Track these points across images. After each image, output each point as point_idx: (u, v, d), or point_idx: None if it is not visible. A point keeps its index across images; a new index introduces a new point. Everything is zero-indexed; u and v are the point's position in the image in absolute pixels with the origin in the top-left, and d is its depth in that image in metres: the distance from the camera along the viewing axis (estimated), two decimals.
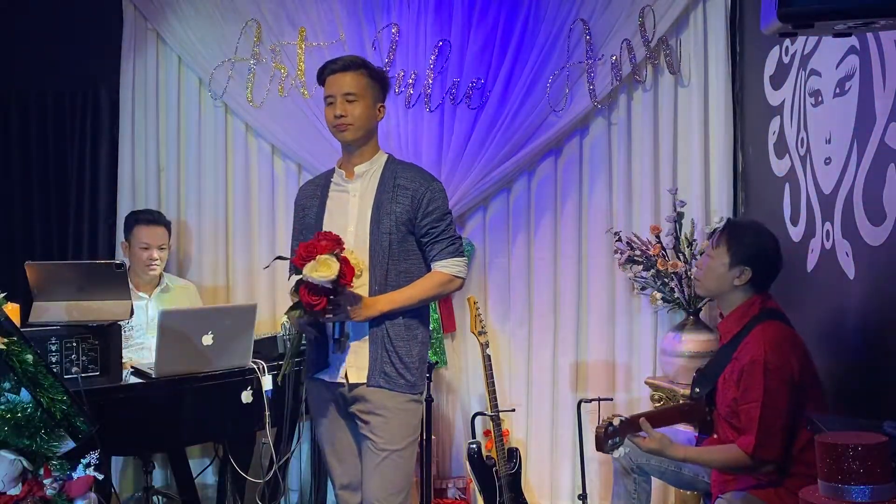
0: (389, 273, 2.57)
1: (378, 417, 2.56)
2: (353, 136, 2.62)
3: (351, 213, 2.63)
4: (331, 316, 2.45)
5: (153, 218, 3.71)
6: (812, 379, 2.54)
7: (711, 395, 2.73)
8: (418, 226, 2.61)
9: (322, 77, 2.69)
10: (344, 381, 2.59)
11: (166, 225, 3.74)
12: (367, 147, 2.67)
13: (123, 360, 2.96)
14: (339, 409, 2.67)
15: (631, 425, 2.61)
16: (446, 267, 2.63)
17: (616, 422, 2.58)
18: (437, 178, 2.70)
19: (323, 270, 2.33)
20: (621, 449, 2.66)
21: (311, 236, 2.52)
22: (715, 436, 2.74)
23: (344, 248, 2.42)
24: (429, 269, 2.67)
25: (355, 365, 2.59)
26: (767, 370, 2.45)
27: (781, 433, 2.45)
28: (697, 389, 2.77)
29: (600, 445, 2.55)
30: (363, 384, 2.57)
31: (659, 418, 2.71)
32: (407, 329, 2.61)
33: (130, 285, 3.62)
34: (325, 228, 2.60)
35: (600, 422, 2.61)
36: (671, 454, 2.59)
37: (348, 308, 2.45)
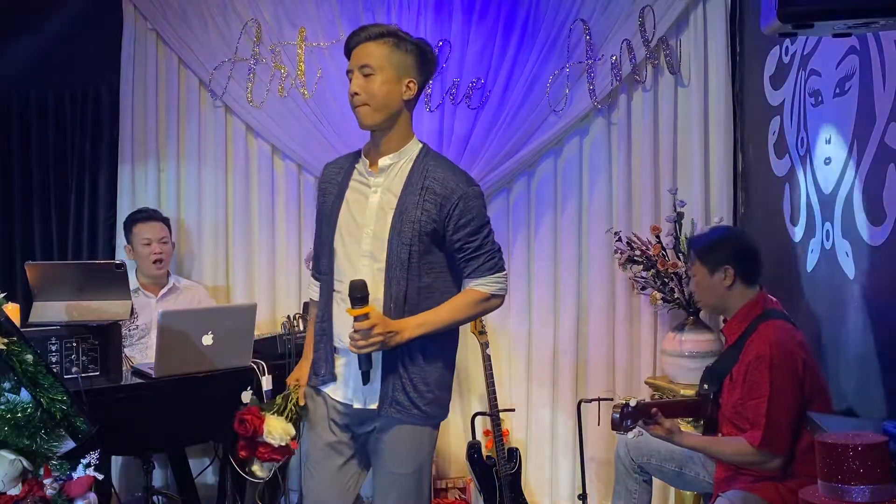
0: (409, 290, 2.24)
1: (384, 440, 2.33)
2: (371, 119, 2.24)
3: (370, 212, 2.29)
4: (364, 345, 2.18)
5: (149, 214, 3.74)
6: (815, 376, 2.55)
7: (717, 396, 2.73)
8: (450, 240, 2.26)
9: (348, 50, 2.30)
10: (349, 402, 2.33)
11: (164, 220, 3.76)
12: (394, 133, 2.28)
13: (131, 357, 2.96)
14: (342, 428, 2.38)
15: (644, 411, 2.63)
16: (484, 286, 2.29)
17: (633, 402, 2.61)
18: (474, 182, 2.32)
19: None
20: (635, 430, 2.67)
21: (326, 228, 2.34)
22: (719, 435, 2.74)
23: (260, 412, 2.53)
24: (457, 284, 2.34)
25: (364, 391, 2.31)
26: (773, 365, 2.47)
27: (788, 428, 2.47)
28: (706, 386, 2.78)
29: (616, 425, 2.60)
30: (372, 411, 2.30)
31: (668, 409, 2.73)
32: (423, 353, 2.28)
33: (137, 286, 3.63)
34: (341, 225, 2.32)
35: (617, 401, 2.63)
36: (678, 441, 2.63)
37: (381, 337, 2.17)
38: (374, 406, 2.30)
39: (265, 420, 2.56)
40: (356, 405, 2.32)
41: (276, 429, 2.55)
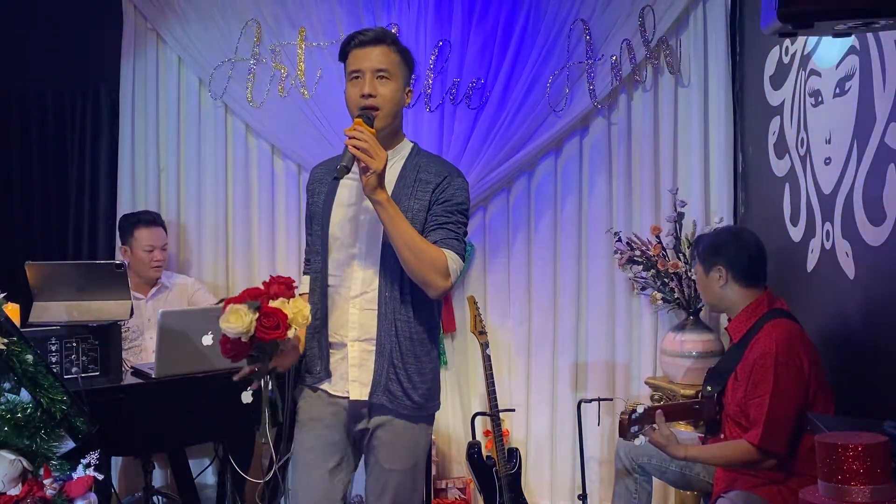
0: (404, 280, 2.22)
1: (378, 436, 2.31)
2: (382, 122, 2.21)
3: (362, 205, 2.26)
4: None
5: (153, 219, 3.72)
6: (820, 377, 2.55)
7: (720, 395, 2.73)
8: (428, 216, 2.24)
9: (346, 50, 2.26)
10: (346, 395, 2.31)
11: (164, 225, 3.76)
12: (391, 136, 2.30)
13: (125, 360, 2.96)
14: (337, 427, 2.35)
15: (649, 416, 2.63)
16: (449, 257, 2.21)
17: (640, 409, 2.61)
18: (463, 175, 2.35)
19: (233, 320, 2.09)
20: (641, 437, 2.65)
21: (318, 227, 2.34)
22: (722, 436, 2.74)
23: (294, 295, 2.15)
24: None
25: (359, 380, 2.29)
26: (778, 363, 2.47)
27: (789, 427, 2.46)
28: (709, 388, 2.78)
29: (623, 432, 2.59)
30: (365, 401, 2.28)
31: (673, 412, 2.73)
32: (421, 344, 2.28)
33: None
34: (333, 219, 2.31)
35: (625, 408, 2.62)
36: (671, 453, 2.60)
37: (368, 144, 2.07)
38: (366, 396, 2.27)
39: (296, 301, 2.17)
40: (353, 396, 2.29)
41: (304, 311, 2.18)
